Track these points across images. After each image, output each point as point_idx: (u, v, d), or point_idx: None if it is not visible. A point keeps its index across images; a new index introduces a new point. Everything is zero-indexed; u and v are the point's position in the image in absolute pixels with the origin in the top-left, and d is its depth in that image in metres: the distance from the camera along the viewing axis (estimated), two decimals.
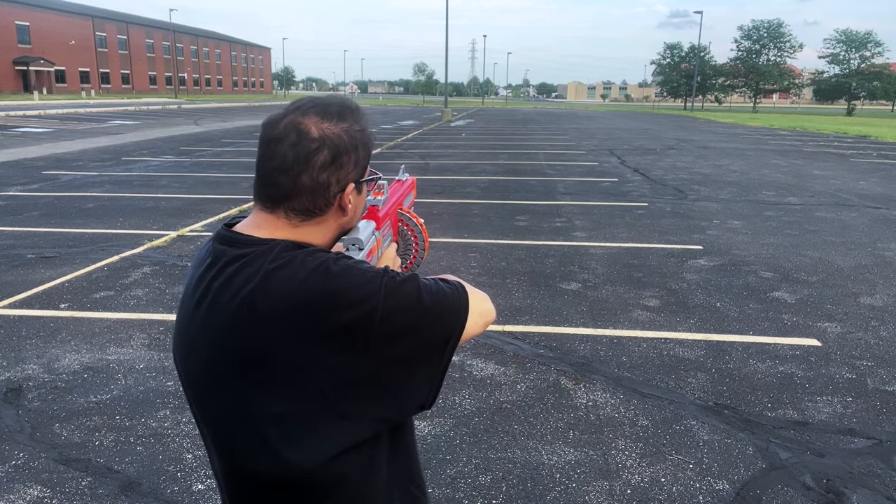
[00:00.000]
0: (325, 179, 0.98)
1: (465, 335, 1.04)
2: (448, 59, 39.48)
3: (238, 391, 0.96)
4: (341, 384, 0.94)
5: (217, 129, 24.93)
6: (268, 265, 0.94)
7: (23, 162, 13.49)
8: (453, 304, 1.03)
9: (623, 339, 4.51)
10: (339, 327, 0.92)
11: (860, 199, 10.66)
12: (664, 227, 8.22)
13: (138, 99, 55.52)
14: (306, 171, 0.97)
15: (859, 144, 23.63)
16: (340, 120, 1.00)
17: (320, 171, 0.98)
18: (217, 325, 0.96)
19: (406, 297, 0.96)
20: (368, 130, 1.06)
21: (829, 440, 3.23)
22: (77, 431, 3.20)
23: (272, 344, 0.93)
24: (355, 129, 1.02)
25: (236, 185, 10.96)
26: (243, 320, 0.93)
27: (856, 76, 68.68)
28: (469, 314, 1.04)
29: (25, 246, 6.68)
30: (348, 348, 0.93)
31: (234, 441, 1.00)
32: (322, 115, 0.99)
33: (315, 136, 0.97)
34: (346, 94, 15.07)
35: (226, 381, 0.97)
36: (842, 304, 5.34)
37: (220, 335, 0.96)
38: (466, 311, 1.04)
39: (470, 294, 1.08)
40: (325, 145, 0.97)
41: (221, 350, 0.96)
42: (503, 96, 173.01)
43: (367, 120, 1.07)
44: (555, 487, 2.84)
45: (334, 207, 1.02)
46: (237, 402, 0.97)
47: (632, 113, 59.91)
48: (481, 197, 10.30)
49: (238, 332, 0.94)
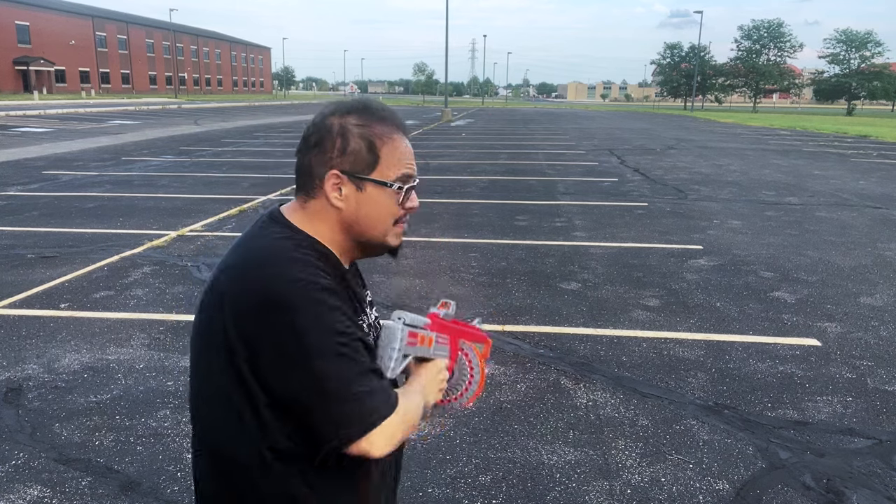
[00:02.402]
0: (309, 161, 1.10)
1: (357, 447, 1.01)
2: (448, 59, 39.48)
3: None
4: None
5: (217, 129, 24.92)
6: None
7: (23, 162, 13.49)
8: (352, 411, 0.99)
9: (623, 339, 4.51)
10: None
11: (860, 199, 10.66)
12: (664, 226, 8.22)
13: (138, 99, 55.50)
14: (302, 151, 1.11)
15: (859, 144, 23.63)
16: (346, 113, 1.09)
17: (308, 152, 1.10)
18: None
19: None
20: (373, 128, 1.09)
21: (829, 440, 3.23)
22: (77, 431, 3.19)
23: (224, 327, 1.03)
24: (352, 122, 1.08)
25: (236, 185, 10.96)
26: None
27: (856, 76, 68.67)
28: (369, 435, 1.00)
29: (25, 246, 6.68)
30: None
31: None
32: (335, 108, 1.11)
33: (316, 122, 1.11)
34: (346, 93, 15.01)
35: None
36: (842, 304, 5.34)
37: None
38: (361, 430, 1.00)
39: (379, 427, 1.01)
40: (317, 130, 1.09)
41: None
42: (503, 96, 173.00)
43: (382, 121, 1.11)
44: (555, 487, 2.84)
45: (322, 195, 1.09)
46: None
47: (632, 113, 59.90)
48: (481, 197, 10.30)
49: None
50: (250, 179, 11.76)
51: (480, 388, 1.31)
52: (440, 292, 5.41)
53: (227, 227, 7.74)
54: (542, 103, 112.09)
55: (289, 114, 40.18)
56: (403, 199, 1.12)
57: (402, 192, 1.11)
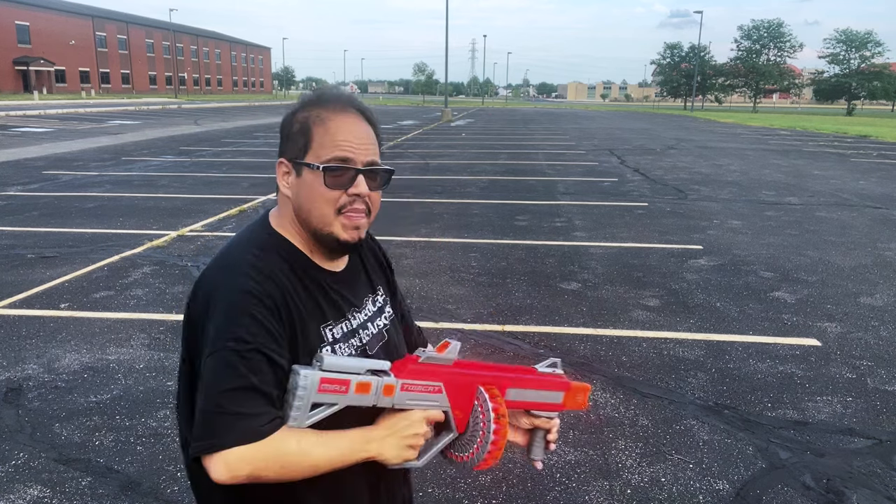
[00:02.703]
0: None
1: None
2: (448, 59, 39.47)
3: None
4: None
5: (217, 129, 24.92)
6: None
7: (23, 162, 13.49)
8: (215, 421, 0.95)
9: (623, 339, 4.51)
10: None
11: (860, 199, 10.66)
12: (664, 226, 8.22)
13: (138, 99, 55.50)
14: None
15: (859, 144, 23.63)
16: (301, 104, 1.11)
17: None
18: None
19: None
20: (312, 111, 1.08)
21: (829, 440, 3.23)
22: (77, 431, 3.19)
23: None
24: (301, 109, 1.10)
25: (236, 185, 10.96)
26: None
27: (856, 76, 68.66)
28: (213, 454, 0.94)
29: (25, 246, 6.68)
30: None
31: None
32: (297, 102, 1.14)
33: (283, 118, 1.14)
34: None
35: None
36: (842, 304, 5.34)
37: None
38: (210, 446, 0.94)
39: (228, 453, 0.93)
40: (281, 125, 1.14)
41: None
42: (503, 96, 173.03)
43: (324, 104, 1.09)
44: (555, 487, 2.84)
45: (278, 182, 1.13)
46: None
47: (632, 113, 59.90)
48: (481, 197, 10.30)
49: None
50: (250, 179, 11.75)
51: (496, 448, 1.10)
52: (439, 292, 5.42)
53: (227, 227, 7.74)
54: (542, 103, 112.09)
55: None
56: (333, 182, 1.06)
57: (326, 174, 1.05)
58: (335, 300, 1.12)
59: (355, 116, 1.09)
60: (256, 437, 0.94)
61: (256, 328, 0.97)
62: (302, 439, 0.97)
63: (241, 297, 0.99)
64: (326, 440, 0.99)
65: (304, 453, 0.96)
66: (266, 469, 0.95)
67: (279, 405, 0.98)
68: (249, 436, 0.93)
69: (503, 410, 1.09)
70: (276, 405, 0.97)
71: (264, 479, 0.96)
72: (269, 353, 0.97)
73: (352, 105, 1.10)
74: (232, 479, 0.94)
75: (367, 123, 1.11)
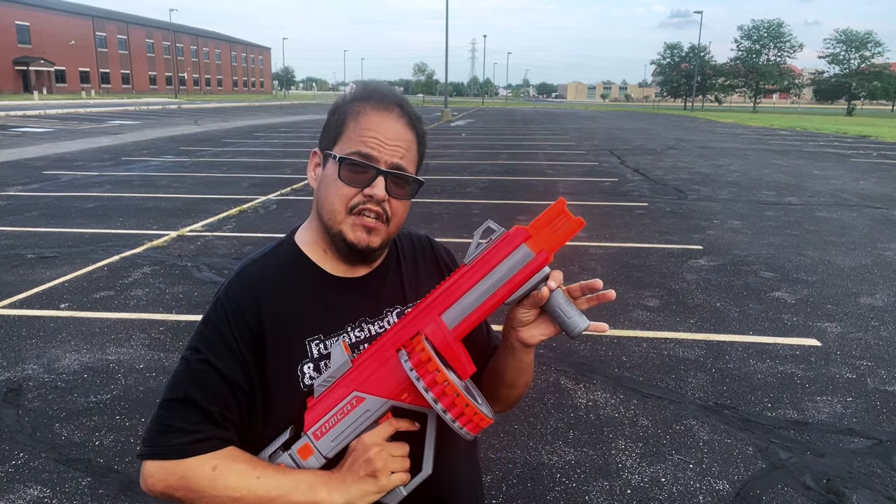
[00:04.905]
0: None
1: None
2: (448, 60, 39.49)
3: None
4: None
5: (217, 129, 24.91)
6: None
7: (23, 162, 13.49)
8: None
9: (623, 339, 4.51)
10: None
11: (860, 199, 10.66)
12: (664, 226, 8.22)
13: (138, 99, 55.51)
14: None
15: (859, 144, 23.62)
16: (348, 96, 1.06)
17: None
18: None
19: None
20: (353, 104, 1.03)
21: (829, 440, 3.23)
22: (77, 431, 3.19)
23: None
24: (344, 104, 1.04)
25: (236, 185, 10.96)
26: None
27: (856, 76, 68.64)
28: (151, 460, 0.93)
29: (25, 246, 6.68)
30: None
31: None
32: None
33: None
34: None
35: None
36: (842, 304, 5.34)
37: None
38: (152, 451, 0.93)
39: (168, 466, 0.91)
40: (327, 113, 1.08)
41: None
42: (503, 96, 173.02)
43: (365, 98, 1.03)
44: (555, 487, 2.84)
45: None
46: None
47: (632, 113, 59.89)
48: (481, 197, 10.30)
49: None
50: (250, 179, 11.75)
51: (450, 402, 0.84)
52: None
53: (227, 227, 7.74)
54: (542, 103, 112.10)
55: (289, 114, 40.18)
56: (348, 177, 0.98)
57: (342, 166, 0.98)
58: (336, 309, 1.04)
59: (394, 116, 1.01)
60: (173, 454, 0.90)
61: (215, 339, 0.96)
62: (223, 466, 0.91)
63: (213, 308, 1.00)
64: (263, 474, 0.91)
65: (213, 481, 0.89)
66: (177, 489, 0.90)
67: (225, 423, 0.93)
68: (165, 452, 0.91)
69: (424, 356, 0.85)
70: (217, 422, 0.93)
71: (181, 499, 0.91)
72: (222, 367, 0.94)
73: (396, 104, 1.02)
74: (149, 491, 0.92)
75: (408, 127, 1.02)
